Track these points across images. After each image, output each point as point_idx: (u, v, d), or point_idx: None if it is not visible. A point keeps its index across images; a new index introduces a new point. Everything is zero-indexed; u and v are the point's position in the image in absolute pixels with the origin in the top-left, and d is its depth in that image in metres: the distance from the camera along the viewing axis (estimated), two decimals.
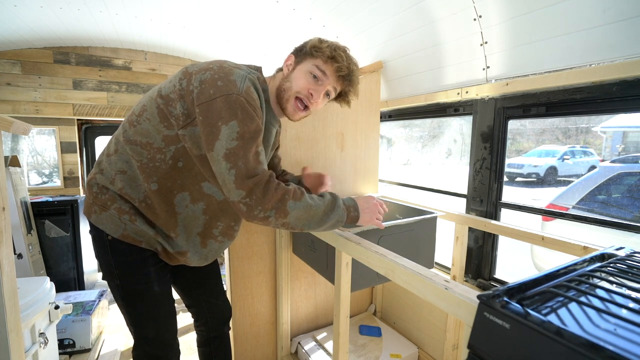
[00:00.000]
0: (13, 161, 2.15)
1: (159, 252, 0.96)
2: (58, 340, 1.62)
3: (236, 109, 0.78)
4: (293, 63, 0.97)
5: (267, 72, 1.04)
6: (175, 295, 1.11)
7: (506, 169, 1.40)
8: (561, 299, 0.53)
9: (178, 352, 1.06)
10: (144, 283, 0.94)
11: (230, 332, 1.31)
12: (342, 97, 1.02)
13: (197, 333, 1.26)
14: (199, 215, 0.95)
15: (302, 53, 0.97)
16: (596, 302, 0.51)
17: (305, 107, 0.96)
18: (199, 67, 0.84)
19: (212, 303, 1.20)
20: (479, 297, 0.55)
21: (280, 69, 1.02)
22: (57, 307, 1.45)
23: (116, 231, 0.89)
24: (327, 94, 0.98)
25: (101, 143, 2.94)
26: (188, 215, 0.93)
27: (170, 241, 0.94)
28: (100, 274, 3.02)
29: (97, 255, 0.94)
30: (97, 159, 0.96)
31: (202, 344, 1.25)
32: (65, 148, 2.68)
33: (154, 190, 0.88)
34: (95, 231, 0.92)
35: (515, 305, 0.49)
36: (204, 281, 1.18)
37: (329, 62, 0.93)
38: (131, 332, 0.98)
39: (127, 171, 0.88)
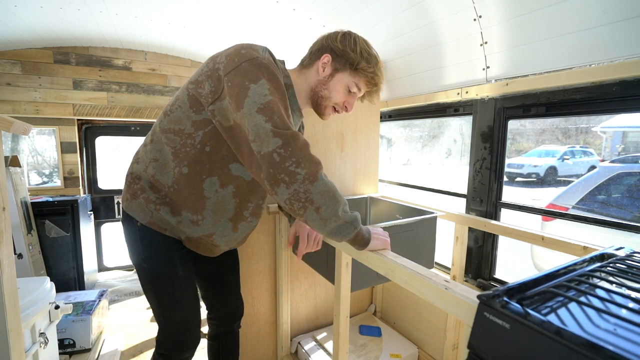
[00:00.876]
0: (13, 161, 2.15)
1: (183, 240, 0.99)
2: (58, 340, 1.62)
3: (262, 70, 0.81)
4: (330, 67, 0.97)
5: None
6: None
7: (506, 169, 1.41)
8: (561, 299, 0.53)
9: (197, 343, 1.07)
10: (169, 267, 0.98)
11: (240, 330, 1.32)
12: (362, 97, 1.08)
13: (209, 325, 1.28)
14: (229, 200, 0.96)
15: (343, 60, 0.96)
16: (596, 302, 0.51)
17: (337, 111, 1.06)
18: (223, 50, 0.89)
19: (226, 298, 1.22)
20: (479, 297, 0.56)
21: (308, 64, 1.01)
22: (57, 307, 1.45)
23: (144, 218, 0.94)
24: None
25: (101, 143, 2.94)
26: (218, 200, 0.95)
27: (194, 227, 0.96)
28: (100, 273, 3.03)
29: (127, 240, 1.00)
30: (136, 150, 1.03)
31: (212, 338, 1.27)
32: (65, 148, 2.68)
33: (184, 174, 0.91)
34: (126, 217, 0.98)
35: (515, 305, 0.49)
36: (222, 275, 1.20)
37: (370, 85, 0.99)
38: (157, 318, 1.02)
39: (159, 159, 0.93)
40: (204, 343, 1.60)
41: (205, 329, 1.29)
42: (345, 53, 0.95)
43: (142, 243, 0.97)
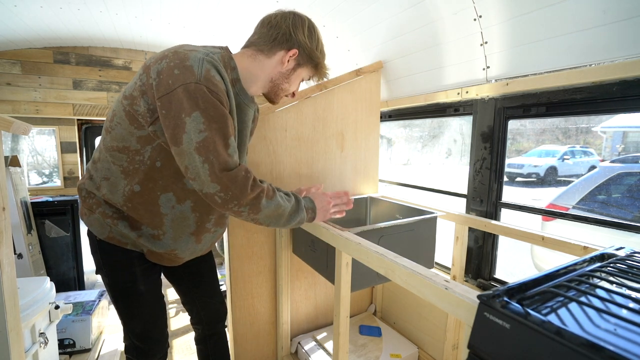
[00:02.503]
0: (13, 161, 2.15)
1: (145, 253, 0.97)
2: (58, 340, 1.62)
3: (197, 99, 0.74)
4: (294, 61, 0.96)
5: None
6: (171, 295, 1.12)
7: (506, 169, 1.40)
8: (561, 299, 0.53)
9: (165, 346, 1.08)
10: (129, 282, 0.97)
11: (230, 332, 1.32)
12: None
13: (194, 330, 1.28)
14: (188, 215, 0.93)
15: (308, 57, 0.97)
16: (596, 302, 0.51)
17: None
18: (156, 57, 0.81)
19: (205, 302, 1.21)
20: (479, 297, 0.55)
21: (268, 52, 0.93)
22: (57, 307, 1.45)
23: (102, 233, 0.92)
24: None
25: None
26: (176, 216, 0.92)
27: (156, 241, 0.94)
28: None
29: (91, 252, 0.99)
30: (87, 164, 1.00)
31: (198, 342, 1.27)
32: (65, 148, 2.68)
33: (136, 192, 0.87)
34: (88, 231, 0.97)
35: (515, 305, 0.49)
36: (199, 279, 1.19)
37: (321, 79, 1.06)
38: (121, 323, 1.03)
39: (109, 177, 0.89)
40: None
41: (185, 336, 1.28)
42: (312, 52, 0.96)
43: (102, 257, 0.95)
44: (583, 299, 0.52)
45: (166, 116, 0.75)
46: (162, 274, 1.15)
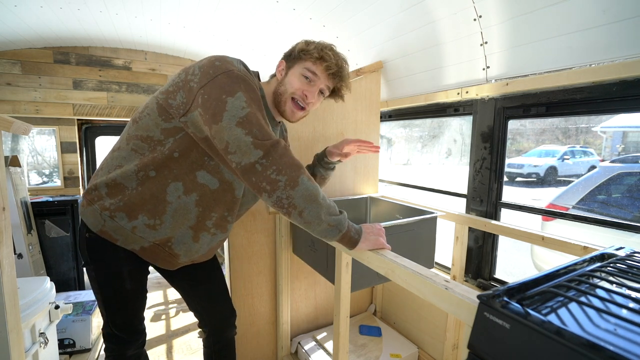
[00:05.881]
0: (13, 161, 2.15)
1: (137, 251, 0.97)
2: (58, 340, 1.62)
3: (239, 82, 0.83)
4: (285, 68, 1.02)
5: (264, 77, 1.08)
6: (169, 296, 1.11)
7: (506, 169, 1.40)
8: (561, 299, 0.53)
9: (144, 335, 1.09)
10: (116, 279, 0.98)
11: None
12: (335, 93, 1.08)
13: (203, 332, 1.27)
14: (191, 208, 0.95)
15: (291, 57, 1.01)
16: (596, 302, 0.51)
17: (302, 108, 1.02)
18: (197, 61, 0.91)
19: (210, 308, 1.20)
20: (479, 297, 0.55)
21: (274, 75, 1.07)
22: (57, 307, 1.45)
23: (96, 226, 0.93)
24: (321, 93, 1.04)
25: (101, 143, 2.94)
26: (180, 206, 0.94)
27: (151, 231, 0.94)
28: None
29: (79, 247, 1.00)
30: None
31: (205, 345, 1.27)
32: (65, 148, 2.68)
33: (151, 177, 0.91)
34: (81, 222, 0.98)
35: (515, 305, 0.49)
36: (198, 286, 1.18)
37: (318, 63, 0.98)
38: (101, 313, 1.03)
39: (124, 165, 0.93)
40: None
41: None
42: (292, 51, 1.02)
43: (90, 254, 0.96)
44: (583, 299, 0.52)
45: (208, 99, 0.82)
46: (162, 275, 1.15)
